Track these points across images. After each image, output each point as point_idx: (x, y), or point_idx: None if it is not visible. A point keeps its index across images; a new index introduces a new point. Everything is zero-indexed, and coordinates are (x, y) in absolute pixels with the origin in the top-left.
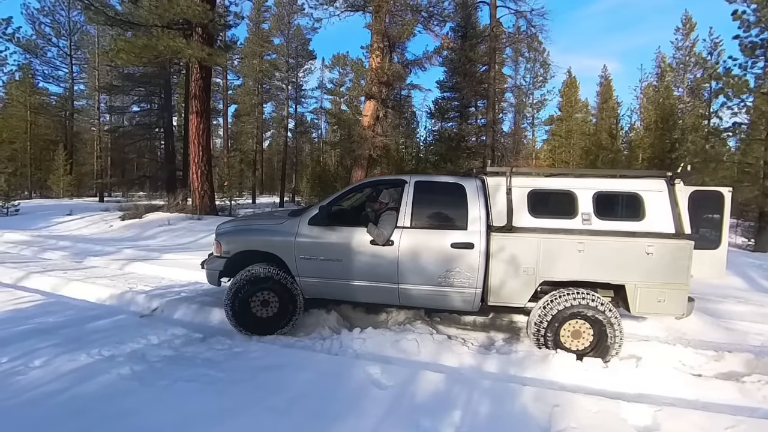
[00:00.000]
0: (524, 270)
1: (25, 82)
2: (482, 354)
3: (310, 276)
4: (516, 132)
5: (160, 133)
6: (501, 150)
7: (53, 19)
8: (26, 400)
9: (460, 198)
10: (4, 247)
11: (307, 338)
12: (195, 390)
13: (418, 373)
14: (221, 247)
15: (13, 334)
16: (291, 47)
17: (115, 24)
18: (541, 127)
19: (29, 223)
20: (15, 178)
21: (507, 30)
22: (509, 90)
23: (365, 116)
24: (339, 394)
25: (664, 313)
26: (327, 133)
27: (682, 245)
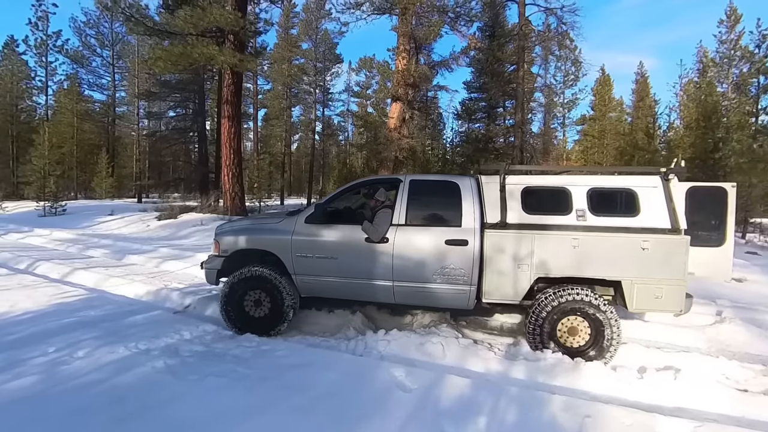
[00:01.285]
0: (518, 267)
1: (73, 90)
2: (509, 360)
3: (307, 274)
4: (546, 132)
5: (194, 136)
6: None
7: (98, 30)
8: (71, 388)
9: (455, 196)
10: (52, 244)
11: (333, 338)
12: (224, 385)
13: (443, 377)
14: (219, 246)
15: (60, 326)
16: (319, 51)
17: (154, 33)
18: (573, 127)
19: (75, 222)
20: (62, 180)
21: (536, 28)
22: (539, 89)
23: (391, 118)
24: (363, 394)
25: (661, 309)
26: (353, 135)
27: (677, 240)
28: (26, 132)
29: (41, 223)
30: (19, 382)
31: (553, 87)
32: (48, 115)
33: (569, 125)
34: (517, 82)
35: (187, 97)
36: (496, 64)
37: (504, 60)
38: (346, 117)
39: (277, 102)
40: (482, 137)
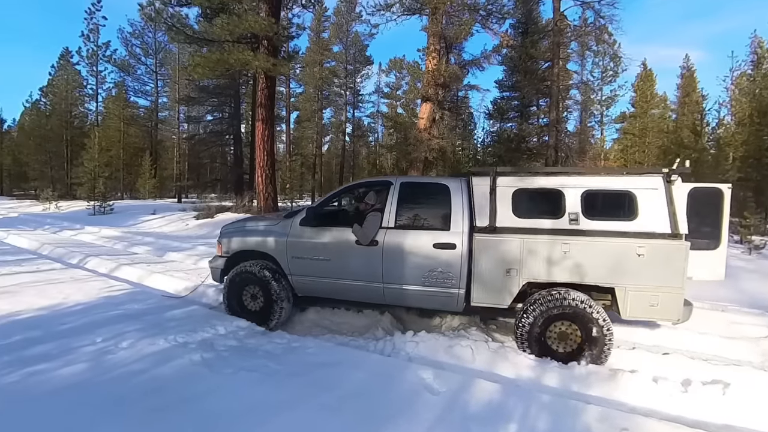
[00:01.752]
0: (507, 271)
1: (120, 97)
2: (541, 366)
3: (301, 274)
4: (582, 131)
5: (230, 139)
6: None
7: (142, 40)
8: (116, 377)
9: (444, 199)
10: (101, 241)
11: (361, 338)
12: (256, 380)
13: (471, 381)
14: (222, 247)
15: (107, 318)
16: (349, 54)
17: (193, 41)
18: (611, 125)
19: (121, 221)
20: (110, 181)
21: (572, 23)
22: (575, 86)
23: (421, 119)
24: (391, 395)
25: (657, 318)
26: (383, 136)
27: (676, 246)
28: (79, 137)
29: (91, 221)
30: (70, 369)
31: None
32: (98, 121)
33: (608, 123)
34: (552, 79)
35: (223, 101)
36: (529, 61)
37: (538, 57)
38: (376, 118)
39: (309, 104)
40: (515, 137)
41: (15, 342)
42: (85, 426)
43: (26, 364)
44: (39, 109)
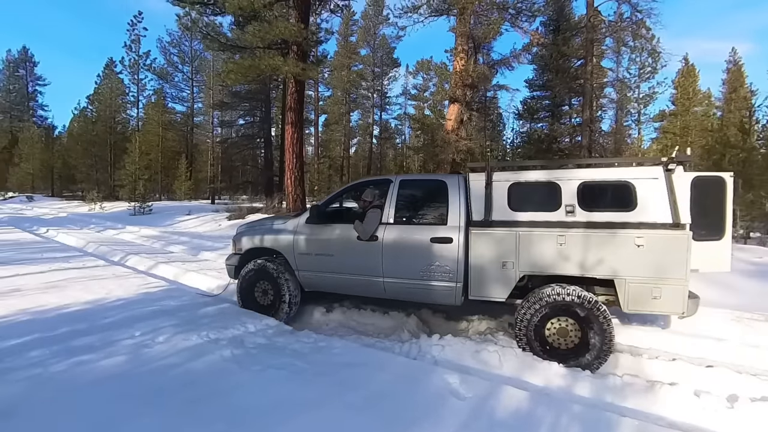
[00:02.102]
0: (503, 264)
1: (159, 103)
2: (573, 374)
3: (307, 270)
4: (617, 131)
5: (260, 142)
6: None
7: (180, 49)
8: (152, 369)
9: (442, 194)
10: (140, 240)
11: (387, 340)
12: (284, 378)
13: (499, 388)
14: (236, 245)
15: (144, 313)
16: (376, 57)
17: (226, 49)
18: (650, 124)
19: (159, 221)
20: (149, 183)
21: (607, 18)
22: (609, 84)
23: (449, 120)
24: (416, 398)
25: (660, 311)
26: (410, 138)
27: (676, 237)
28: (121, 141)
29: (131, 221)
30: (111, 360)
31: (627, 81)
32: (138, 126)
33: (645, 122)
34: (585, 77)
35: (254, 106)
36: (561, 59)
37: (570, 55)
38: (403, 120)
39: (337, 107)
40: (545, 137)
41: (63, 333)
42: (127, 416)
43: (72, 354)
44: (86, 116)
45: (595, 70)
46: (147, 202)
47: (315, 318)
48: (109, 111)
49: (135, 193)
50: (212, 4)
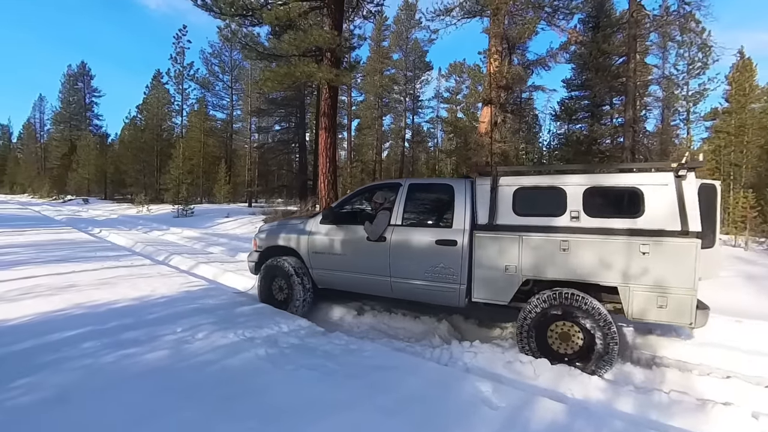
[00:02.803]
0: (506, 268)
1: (201, 111)
2: (615, 388)
3: (320, 268)
4: (664, 131)
5: (295, 147)
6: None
7: (220, 59)
8: (192, 365)
9: (448, 198)
10: (183, 241)
11: (418, 345)
12: (315, 378)
13: (533, 399)
14: (256, 243)
15: (186, 311)
16: (409, 61)
17: (264, 57)
18: (700, 123)
19: (200, 223)
20: (192, 187)
21: (651, 13)
22: (655, 82)
23: (482, 122)
24: (447, 405)
25: (666, 320)
26: (443, 141)
27: (683, 245)
28: (166, 148)
29: (175, 223)
30: (154, 354)
31: (674, 78)
32: (182, 133)
33: (695, 121)
34: (627, 75)
35: (290, 112)
36: (601, 57)
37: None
38: (436, 123)
39: (369, 112)
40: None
41: (112, 327)
42: (168, 408)
43: (120, 347)
44: (135, 124)
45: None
46: (189, 205)
47: (346, 321)
48: (156, 119)
49: (178, 197)
50: (251, 16)
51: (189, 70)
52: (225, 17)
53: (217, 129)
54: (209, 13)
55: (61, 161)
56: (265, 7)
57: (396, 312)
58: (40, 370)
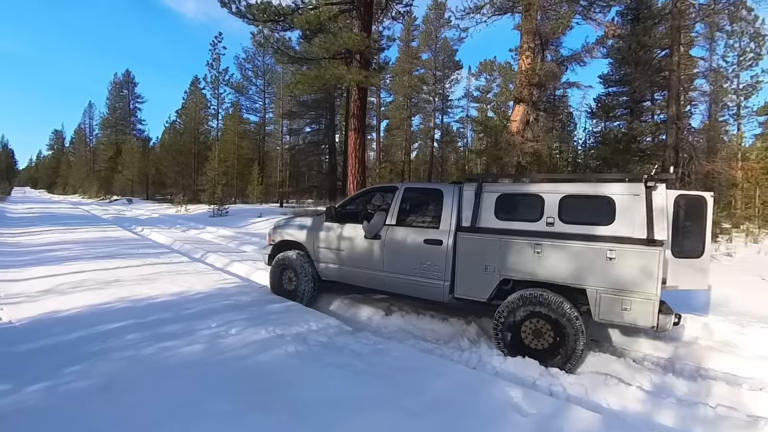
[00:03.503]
0: (486, 267)
1: (235, 115)
2: (655, 400)
3: (324, 262)
4: (711, 127)
5: (325, 149)
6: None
7: (254, 64)
8: (225, 359)
9: (438, 201)
10: (218, 239)
11: (446, 347)
12: (342, 376)
13: (566, 407)
14: (270, 238)
15: (220, 307)
16: (438, 60)
17: (295, 61)
18: (752, 118)
19: (234, 222)
20: (226, 188)
21: (696, 2)
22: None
23: (513, 121)
24: (475, 409)
25: (630, 323)
26: (473, 141)
27: (648, 252)
28: (203, 150)
29: (211, 222)
30: (191, 348)
31: (723, 70)
32: (218, 136)
33: (747, 116)
34: (671, 69)
35: (320, 114)
36: (641, 51)
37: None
38: (465, 123)
39: (398, 112)
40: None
41: (152, 321)
42: (202, 399)
43: (159, 339)
44: (175, 128)
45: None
46: (224, 205)
47: (374, 321)
48: (194, 123)
49: (214, 197)
50: (282, 21)
51: (224, 76)
52: (258, 23)
53: (251, 132)
54: (243, 20)
55: (108, 164)
56: (296, 11)
57: (424, 313)
58: (89, 359)
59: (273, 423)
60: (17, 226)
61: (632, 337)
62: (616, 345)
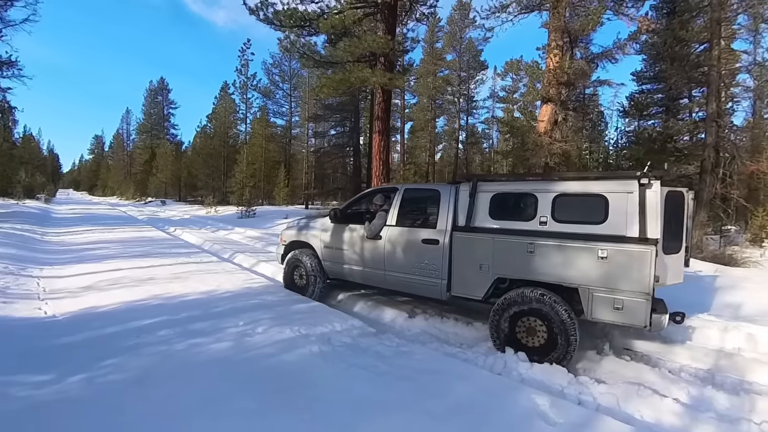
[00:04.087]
0: (480, 266)
1: (263, 118)
2: (692, 414)
3: (329, 260)
4: (755, 125)
5: (349, 151)
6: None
7: (280, 69)
8: (251, 357)
9: (436, 202)
10: (245, 240)
11: (470, 351)
12: (366, 377)
13: (596, 417)
14: (283, 238)
15: (247, 306)
16: (463, 61)
17: (320, 65)
18: None
19: (261, 224)
20: (254, 190)
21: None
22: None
23: (541, 122)
24: (499, 416)
25: (622, 322)
26: (498, 142)
27: (639, 251)
28: (232, 153)
29: (239, 224)
30: (218, 345)
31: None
32: (246, 140)
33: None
34: (710, 64)
35: (344, 116)
36: (677, 46)
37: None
38: (491, 124)
39: (422, 114)
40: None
41: (182, 318)
42: (229, 395)
43: (189, 336)
44: (206, 132)
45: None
46: (252, 207)
47: (398, 323)
48: (223, 127)
49: (242, 199)
50: (308, 26)
51: (252, 81)
52: (284, 29)
53: (277, 135)
54: (270, 26)
55: (144, 167)
56: (322, 17)
57: (448, 316)
58: (124, 353)
59: (297, 421)
60: (61, 226)
61: (668, 345)
62: (651, 354)
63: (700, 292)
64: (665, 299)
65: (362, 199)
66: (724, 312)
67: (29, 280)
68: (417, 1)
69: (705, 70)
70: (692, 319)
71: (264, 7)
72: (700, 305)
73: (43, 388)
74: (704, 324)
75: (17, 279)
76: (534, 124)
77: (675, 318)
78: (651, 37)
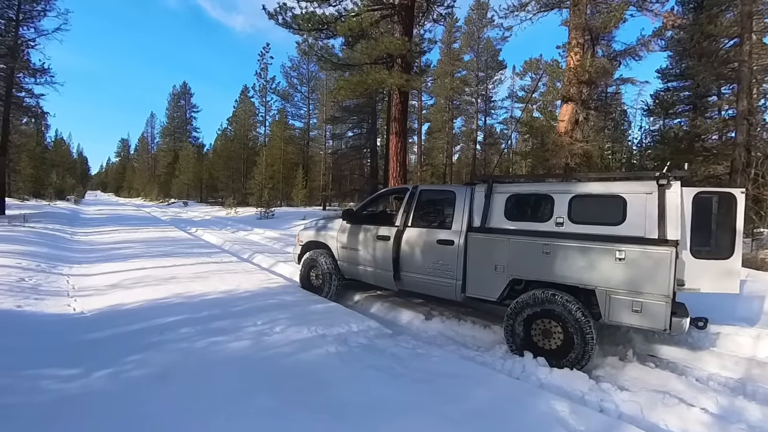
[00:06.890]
0: (495, 267)
1: (281, 121)
2: (722, 425)
3: (344, 261)
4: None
5: (367, 153)
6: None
7: (299, 72)
8: (269, 356)
9: (451, 202)
10: (264, 241)
11: (488, 354)
12: (382, 379)
13: (618, 425)
14: (299, 239)
15: (265, 305)
16: (481, 61)
17: (338, 68)
18: None
19: (279, 225)
20: (272, 192)
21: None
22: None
23: (561, 121)
24: (518, 422)
25: (640, 325)
26: (517, 143)
27: (658, 252)
28: (251, 155)
29: (258, 224)
30: (237, 344)
31: None
32: (265, 142)
33: None
34: (741, 59)
35: (362, 118)
36: (705, 41)
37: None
38: (509, 124)
39: (440, 115)
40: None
41: (203, 316)
42: (248, 392)
43: (210, 334)
44: (226, 135)
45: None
46: (270, 208)
47: (414, 324)
48: (243, 130)
49: (261, 200)
50: (326, 29)
51: (271, 84)
52: (302, 32)
53: (296, 137)
54: (289, 30)
55: (167, 169)
56: (339, 20)
57: (465, 319)
58: (147, 349)
59: (314, 421)
60: (89, 226)
61: (696, 353)
62: (677, 362)
63: (730, 297)
64: (707, 310)
65: (376, 201)
66: (757, 318)
67: (59, 277)
68: (434, 2)
69: (735, 66)
70: (722, 325)
71: (283, 12)
72: (730, 311)
73: (72, 382)
74: (735, 331)
75: (48, 277)
76: (554, 124)
77: (697, 323)
78: (677, 33)
